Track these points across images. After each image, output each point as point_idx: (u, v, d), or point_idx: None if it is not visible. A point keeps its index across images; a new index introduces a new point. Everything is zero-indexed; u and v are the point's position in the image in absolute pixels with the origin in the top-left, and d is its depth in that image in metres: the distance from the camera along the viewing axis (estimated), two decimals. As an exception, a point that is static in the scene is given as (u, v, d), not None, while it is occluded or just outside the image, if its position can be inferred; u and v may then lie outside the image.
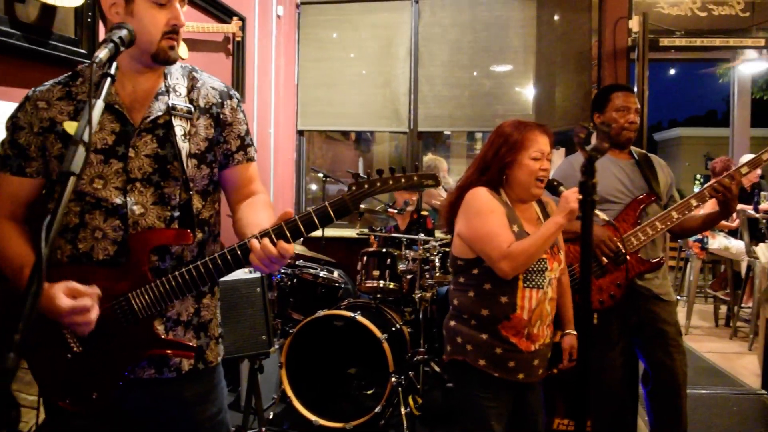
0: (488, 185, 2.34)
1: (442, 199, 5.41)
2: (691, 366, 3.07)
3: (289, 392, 3.78)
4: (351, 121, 5.81)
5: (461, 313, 2.35)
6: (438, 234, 4.75)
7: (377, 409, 3.65)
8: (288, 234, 1.50)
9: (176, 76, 1.73)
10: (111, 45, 1.42)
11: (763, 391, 4.59)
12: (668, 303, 2.95)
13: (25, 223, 1.69)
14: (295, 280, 4.14)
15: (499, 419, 2.28)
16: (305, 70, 5.76)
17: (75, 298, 1.45)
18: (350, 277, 4.71)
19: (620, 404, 3.04)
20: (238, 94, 1.83)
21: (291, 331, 3.82)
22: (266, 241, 1.47)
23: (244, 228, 1.65)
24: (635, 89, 3.28)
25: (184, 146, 1.64)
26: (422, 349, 4.00)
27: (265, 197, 1.82)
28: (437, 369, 4.19)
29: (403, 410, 3.73)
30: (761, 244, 5.69)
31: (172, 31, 1.61)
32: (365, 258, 4.19)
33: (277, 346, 3.70)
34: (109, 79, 1.38)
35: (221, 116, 1.74)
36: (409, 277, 4.18)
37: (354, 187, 1.55)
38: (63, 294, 1.45)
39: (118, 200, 1.59)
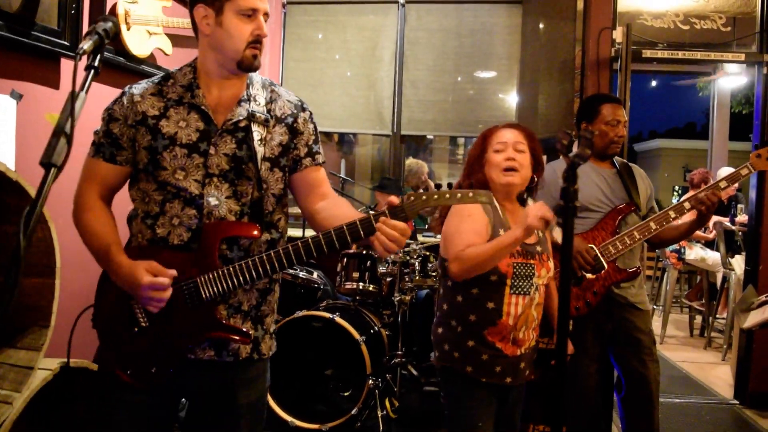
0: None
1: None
2: (666, 375, 3.11)
3: (266, 392, 3.75)
4: (334, 122, 5.80)
5: (449, 319, 2.35)
6: (419, 237, 4.75)
7: (354, 411, 3.64)
8: (407, 211, 1.62)
9: (257, 87, 1.89)
10: (95, 37, 1.43)
11: (736, 402, 4.65)
12: (643, 312, 2.98)
13: (109, 206, 1.86)
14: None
15: (487, 421, 2.30)
16: (290, 70, 5.74)
17: (155, 276, 1.64)
18: (330, 279, 4.70)
19: (594, 411, 3.06)
20: (310, 108, 1.98)
21: (269, 331, 3.80)
22: (386, 218, 1.60)
23: (333, 220, 1.76)
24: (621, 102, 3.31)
25: (259, 150, 1.80)
26: (400, 352, 4.00)
27: (342, 198, 1.97)
28: (414, 372, 4.19)
29: (379, 413, 3.73)
30: (737, 256, 5.77)
31: (256, 41, 1.77)
32: (345, 259, 4.19)
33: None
34: (92, 72, 1.38)
35: (295, 125, 1.90)
36: (388, 279, 4.19)
37: (413, 197, 1.64)
38: (145, 270, 1.64)
39: (196, 191, 1.75)
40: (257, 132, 1.80)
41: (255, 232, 1.75)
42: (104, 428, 1.82)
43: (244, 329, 1.77)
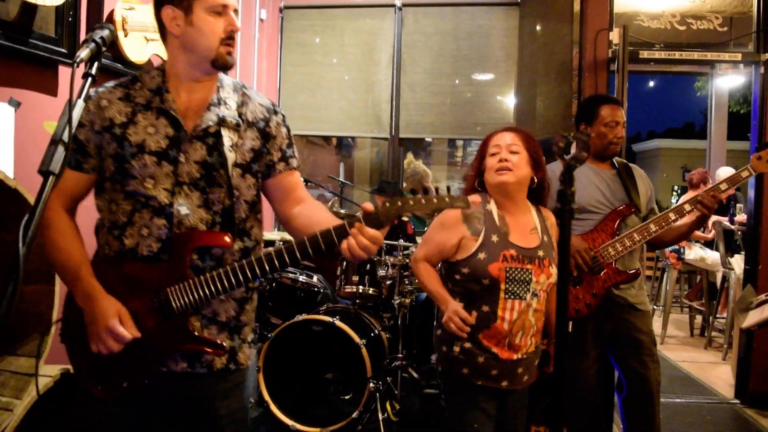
0: (482, 194, 2.39)
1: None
2: (666, 375, 3.11)
3: (267, 396, 3.75)
4: (332, 126, 5.81)
5: None
6: (418, 240, 4.75)
7: (354, 415, 3.64)
8: (381, 219, 1.57)
9: (228, 90, 1.83)
10: (92, 45, 1.43)
11: (736, 401, 4.65)
12: (643, 312, 2.98)
13: (73, 218, 1.78)
14: (274, 284, 4.12)
15: (485, 423, 2.30)
16: (287, 74, 5.75)
17: (121, 325, 1.60)
18: (329, 282, 4.70)
19: (595, 412, 3.06)
20: (282, 112, 1.94)
21: (269, 335, 3.80)
22: (361, 225, 1.55)
23: (312, 226, 1.69)
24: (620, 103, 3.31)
25: (230, 156, 1.74)
26: (400, 355, 4.00)
27: (319, 202, 1.91)
28: (415, 375, 4.19)
29: (380, 416, 3.72)
30: (736, 256, 5.77)
31: (229, 37, 1.73)
32: (345, 263, 4.19)
33: (254, 350, 3.68)
34: (90, 79, 1.39)
35: (267, 130, 1.85)
36: (388, 282, 4.18)
37: (388, 203, 1.60)
38: (117, 313, 1.61)
39: (165, 200, 1.69)
40: (228, 137, 1.75)
41: (227, 241, 1.70)
42: None
43: (219, 341, 1.72)
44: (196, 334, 1.70)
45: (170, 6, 1.70)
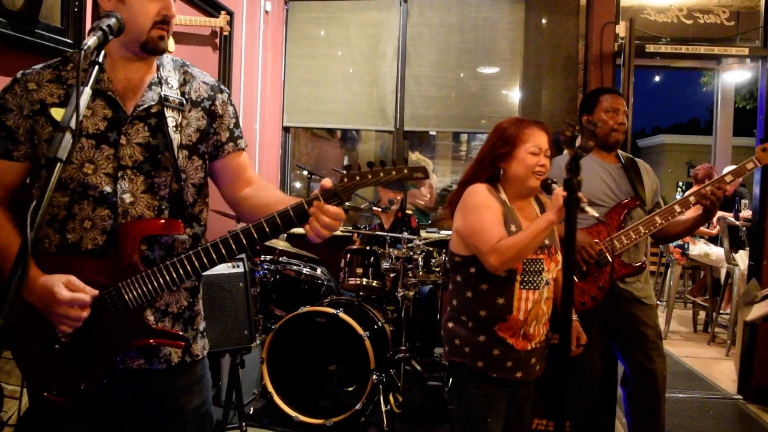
0: (488, 182, 2.36)
1: (426, 199, 5.44)
2: (669, 370, 3.10)
3: (270, 388, 3.77)
4: (337, 118, 5.80)
5: (459, 314, 2.35)
6: (422, 233, 4.76)
7: (357, 407, 3.65)
8: (341, 195, 1.52)
9: (168, 69, 1.74)
10: (99, 33, 1.41)
11: (739, 396, 4.65)
12: (649, 306, 2.97)
13: (9, 209, 1.66)
14: (277, 276, 4.13)
15: (497, 419, 2.30)
16: (292, 66, 5.75)
17: (74, 292, 1.49)
18: (333, 275, 4.71)
19: (598, 406, 3.06)
20: (228, 90, 1.85)
21: (273, 327, 3.81)
22: (320, 203, 1.50)
23: (265, 207, 1.64)
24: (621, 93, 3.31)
25: (175, 137, 1.65)
26: (404, 348, 4.01)
27: (269, 183, 1.84)
28: (418, 367, 4.20)
29: (383, 408, 3.74)
30: (741, 252, 5.76)
31: (163, 21, 1.61)
32: (349, 255, 4.20)
33: (258, 342, 3.69)
34: (97, 67, 1.38)
35: (212, 108, 1.76)
36: (392, 275, 4.19)
37: (346, 179, 1.55)
38: (63, 284, 1.48)
39: (108, 188, 1.59)
40: (171, 118, 1.65)
41: (179, 228, 1.62)
42: None
43: (178, 332, 1.66)
44: (153, 327, 1.63)
45: None
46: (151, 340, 1.61)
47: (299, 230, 1.60)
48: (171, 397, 1.73)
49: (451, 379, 2.45)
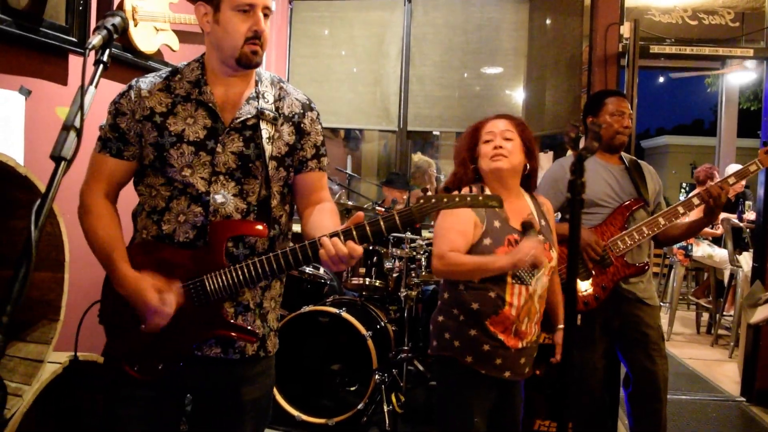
0: (477, 181, 2.39)
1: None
2: (672, 372, 3.10)
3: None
4: (341, 118, 5.80)
5: (450, 307, 2.35)
6: (425, 233, 4.75)
7: (360, 406, 3.65)
8: (356, 238, 1.61)
9: (266, 84, 1.88)
10: (104, 32, 1.44)
11: (742, 399, 4.64)
12: (652, 307, 2.97)
13: (115, 204, 1.84)
14: (281, 276, 4.13)
15: (482, 416, 2.29)
16: (296, 66, 5.74)
17: (161, 294, 1.67)
18: (336, 274, 4.71)
19: (600, 407, 3.06)
20: (317, 108, 1.97)
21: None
22: (336, 240, 1.59)
23: (312, 230, 1.78)
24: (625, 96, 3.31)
25: (268, 148, 1.79)
26: (406, 348, 4.01)
27: (333, 206, 1.94)
28: (421, 367, 4.20)
29: (385, 408, 3.74)
30: (745, 253, 5.75)
31: (254, 37, 1.73)
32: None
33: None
34: (101, 66, 1.39)
35: (302, 125, 1.89)
36: (395, 275, 4.19)
37: (422, 201, 1.63)
38: (152, 287, 1.66)
39: (202, 189, 1.74)
40: (266, 130, 1.79)
41: (262, 230, 1.74)
42: (110, 424, 1.82)
43: (251, 328, 1.78)
44: (230, 320, 1.75)
45: (202, 2, 1.75)
46: (227, 333, 1.74)
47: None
48: (236, 387, 1.84)
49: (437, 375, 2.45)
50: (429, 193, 1.65)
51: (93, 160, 1.81)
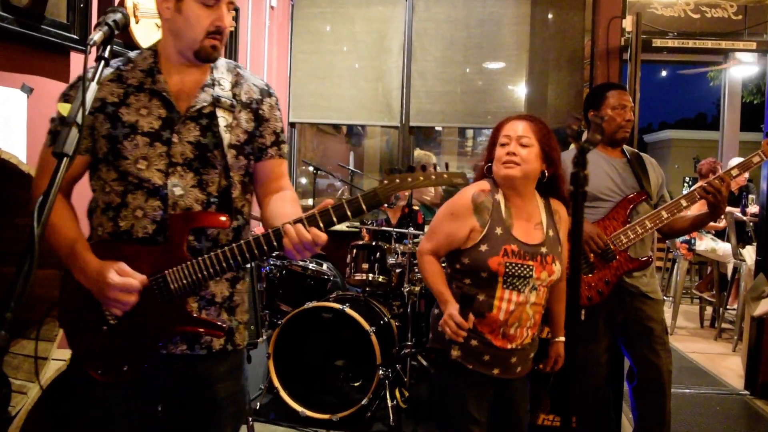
0: (491, 181, 2.35)
1: (431, 195, 5.43)
2: (676, 366, 3.09)
3: (277, 383, 3.78)
4: (343, 114, 5.80)
5: None
6: (426, 228, 4.75)
7: (364, 402, 3.66)
8: (321, 223, 1.57)
9: (222, 71, 1.81)
10: (105, 28, 1.43)
11: (746, 392, 4.64)
12: (655, 301, 2.97)
13: (69, 200, 1.77)
14: (283, 272, 4.14)
15: (478, 408, 2.27)
16: (298, 62, 5.74)
17: (124, 275, 1.57)
18: (339, 270, 4.72)
19: (604, 401, 3.06)
20: (276, 94, 1.91)
21: (279, 323, 3.82)
22: (300, 227, 1.55)
23: (273, 219, 1.72)
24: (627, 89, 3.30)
25: (225, 136, 1.72)
26: (410, 343, 4.01)
27: (293, 194, 1.89)
28: (424, 363, 4.20)
29: (389, 403, 3.74)
30: (748, 247, 5.75)
31: (216, 32, 1.68)
32: (355, 251, 4.20)
33: (265, 337, 3.70)
34: (103, 62, 1.39)
35: (260, 112, 1.82)
36: (398, 270, 4.19)
37: (386, 181, 1.61)
38: (114, 270, 1.57)
39: (159, 182, 1.66)
40: (223, 118, 1.73)
41: (224, 221, 1.68)
42: (82, 426, 1.77)
43: (218, 322, 1.71)
44: (195, 315, 1.69)
45: None
46: (192, 328, 1.68)
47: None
48: (209, 383, 1.78)
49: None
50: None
51: (43, 155, 1.73)
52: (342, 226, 5.14)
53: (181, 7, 1.65)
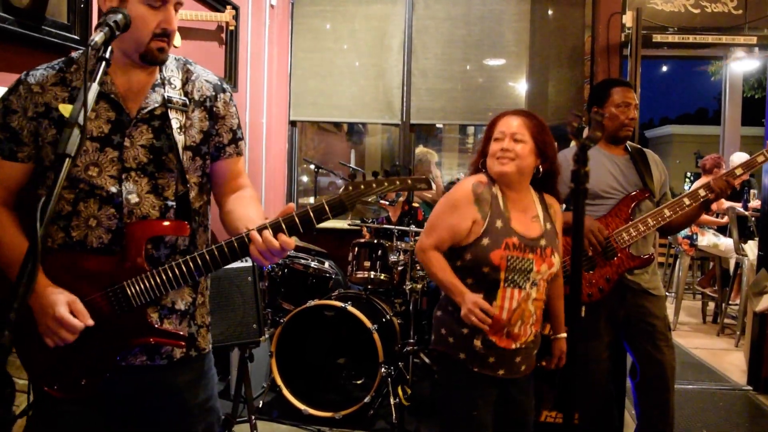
0: (487, 175, 2.35)
1: (433, 192, 5.43)
2: (679, 361, 3.10)
3: (279, 381, 3.78)
4: (344, 112, 5.80)
5: (447, 303, 2.35)
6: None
7: (366, 399, 3.66)
8: (285, 229, 1.52)
9: (171, 69, 1.73)
10: (106, 29, 1.42)
11: (749, 387, 4.64)
12: (657, 297, 2.96)
13: (13, 211, 1.67)
14: (285, 270, 4.14)
15: (483, 409, 2.26)
16: (298, 60, 5.74)
17: (72, 314, 1.49)
18: (341, 268, 4.72)
19: (606, 397, 3.06)
20: (230, 88, 1.84)
21: (281, 321, 3.82)
22: (267, 234, 1.50)
23: (235, 221, 1.67)
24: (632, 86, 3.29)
25: (179, 138, 1.66)
26: (412, 340, 4.02)
27: (252, 192, 1.84)
28: (426, 360, 4.21)
29: (392, 400, 3.75)
30: (750, 242, 5.73)
31: (163, 34, 1.60)
32: (356, 249, 4.20)
33: (267, 336, 3.71)
34: (104, 64, 1.38)
35: (215, 109, 1.76)
36: (400, 268, 4.19)
37: (351, 188, 1.57)
38: (66, 302, 1.50)
39: (113, 189, 1.59)
40: (175, 119, 1.65)
41: (185, 230, 1.63)
42: None
43: (179, 331, 1.66)
44: (155, 326, 1.63)
45: None
46: (152, 339, 1.62)
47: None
48: (175, 391, 1.73)
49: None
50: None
51: None
52: (343, 224, 5.15)
53: (125, 6, 1.55)
